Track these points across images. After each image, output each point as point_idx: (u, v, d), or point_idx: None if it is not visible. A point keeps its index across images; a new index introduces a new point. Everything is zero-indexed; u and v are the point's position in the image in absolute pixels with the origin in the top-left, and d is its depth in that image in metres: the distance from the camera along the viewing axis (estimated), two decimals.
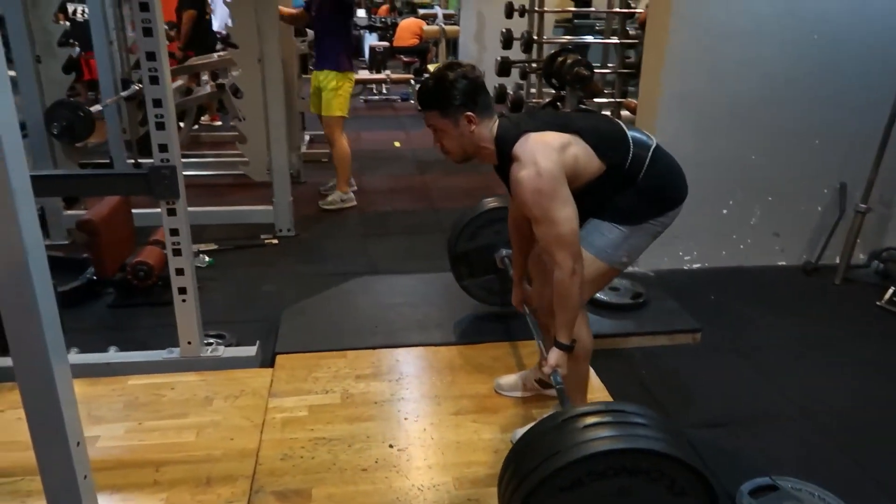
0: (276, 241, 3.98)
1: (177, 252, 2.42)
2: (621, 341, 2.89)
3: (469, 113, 1.85)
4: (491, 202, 2.78)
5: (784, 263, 3.74)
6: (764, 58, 3.38)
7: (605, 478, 1.35)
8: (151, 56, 2.20)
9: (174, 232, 2.39)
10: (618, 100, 5.33)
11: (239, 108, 4.03)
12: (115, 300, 3.19)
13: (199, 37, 6.75)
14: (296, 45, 5.14)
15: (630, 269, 3.65)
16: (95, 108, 4.04)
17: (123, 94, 4.71)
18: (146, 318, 3.07)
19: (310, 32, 5.55)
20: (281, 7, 4.11)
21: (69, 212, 3.91)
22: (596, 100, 5.34)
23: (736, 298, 3.36)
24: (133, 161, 5.03)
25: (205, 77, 6.35)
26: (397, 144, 6.68)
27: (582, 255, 1.83)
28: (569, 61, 3.50)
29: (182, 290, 2.47)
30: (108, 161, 4.87)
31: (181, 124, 6.28)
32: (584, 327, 2.06)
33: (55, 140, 3.71)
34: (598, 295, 3.06)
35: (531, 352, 2.66)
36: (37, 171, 3.29)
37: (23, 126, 3.80)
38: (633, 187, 1.93)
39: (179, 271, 2.44)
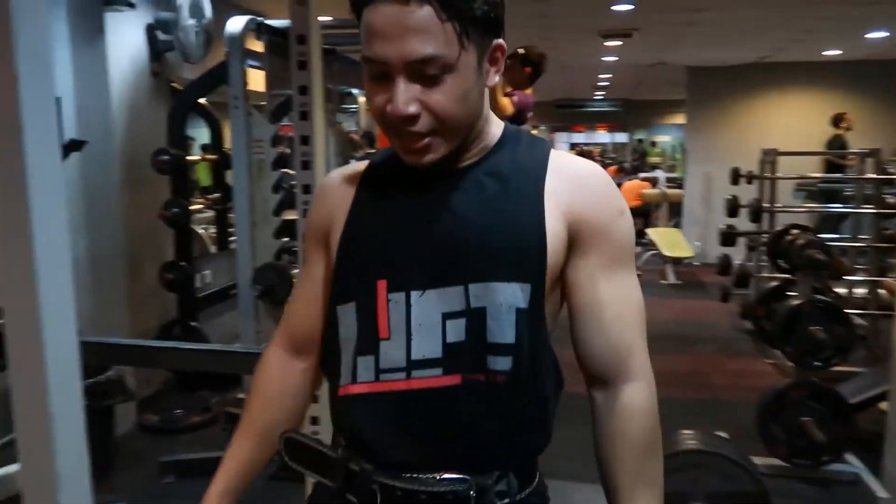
0: None
1: None
2: None
3: (500, 43, 0.99)
4: (689, 440, 2.09)
5: None
6: None
7: None
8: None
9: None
10: (873, 278, 4.45)
11: None
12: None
13: None
14: None
15: None
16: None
17: None
18: None
19: None
20: None
21: None
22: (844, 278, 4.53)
23: None
24: None
25: None
26: None
27: None
28: (799, 241, 2.89)
29: None
30: None
31: None
32: None
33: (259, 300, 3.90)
34: None
35: None
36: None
37: (234, 285, 4.15)
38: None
39: None
